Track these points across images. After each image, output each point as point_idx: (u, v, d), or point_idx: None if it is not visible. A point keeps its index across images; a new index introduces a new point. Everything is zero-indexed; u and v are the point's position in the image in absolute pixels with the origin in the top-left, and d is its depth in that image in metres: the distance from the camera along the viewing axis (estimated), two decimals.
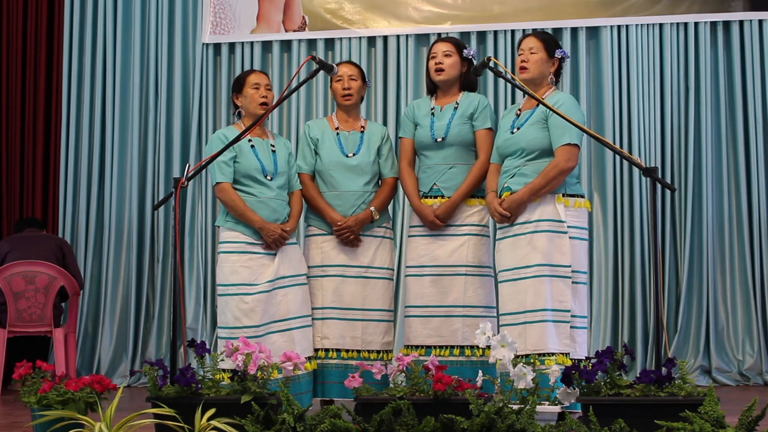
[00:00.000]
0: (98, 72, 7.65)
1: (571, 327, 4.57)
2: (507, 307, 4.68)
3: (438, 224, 4.89)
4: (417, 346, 4.88)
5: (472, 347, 4.82)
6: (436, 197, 4.92)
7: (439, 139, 4.92)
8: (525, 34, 4.97)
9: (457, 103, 4.96)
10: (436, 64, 4.96)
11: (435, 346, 4.85)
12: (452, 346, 4.84)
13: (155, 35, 7.63)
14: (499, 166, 4.81)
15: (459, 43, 5.04)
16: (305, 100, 7.46)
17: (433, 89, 5.07)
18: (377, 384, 4.05)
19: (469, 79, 5.02)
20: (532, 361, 3.92)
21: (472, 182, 4.89)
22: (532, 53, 4.73)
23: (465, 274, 4.88)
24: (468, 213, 4.92)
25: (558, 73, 4.81)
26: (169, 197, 4.10)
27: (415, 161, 5.09)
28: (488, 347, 4.28)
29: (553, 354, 4.50)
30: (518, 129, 4.74)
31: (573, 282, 4.59)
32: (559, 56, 4.76)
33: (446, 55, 4.95)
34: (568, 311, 4.56)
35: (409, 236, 5.05)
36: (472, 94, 5.02)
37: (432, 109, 5.00)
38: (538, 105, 4.63)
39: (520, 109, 4.84)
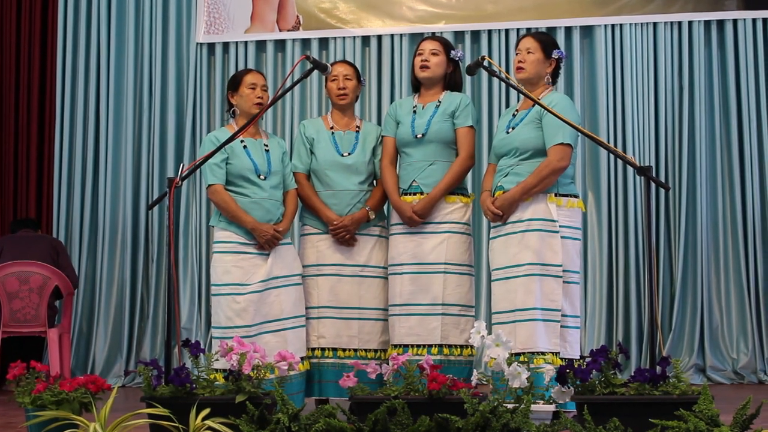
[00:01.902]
0: (92, 71, 7.64)
1: (563, 326, 4.57)
2: (498, 305, 4.69)
3: (416, 220, 4.87)
4: (396, 345, 4.87)
5: (450, 346, 4.82)
6: (415, 194, 4.91)
7: (419, 136, 4.91)
8: (523, 35, 4.97)
9: (439, 101, 4.96)
10: (422, 60, 4.96)
11: (412, 345, 4.84)
12: (430, 345, 4.83)
13: (149, 35, 7.63)
14: (496, 166, 4.82)
15: (447, 43, 5.04)
16: (299, 99, 7.46)
17: (417, 87, 5.07)
18: (372, 383, 4.05)
19: (453, 80, 5.02)
20: (524, 359, 3.92)
21: (451, 179, 4.88)
22: (529, 53, 4.74)
23: (444, 272, 4.87)
24: (448, 210, 4.91)
25: (555, 74, 4.81)
26: (164, 197, 4.09)
27: (397, 160, 5.08)
28: (467, 347, 4.29)
29: (543, 353, 4.50)
30: (513, 129, 4.75)
31: (565, 281, 4.59)
32: (556, 57, 4.76)
33: (433, 54, 4.95)
34: (559, 310, 4.56)
35: (390, 234, 5.04)
36: (455, 93, 5.01)
37: (414, 107, 5.00)
38: (533, 105, 4.64)
39: (517, 110, 4.85)
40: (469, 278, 4.95)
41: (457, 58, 4.94)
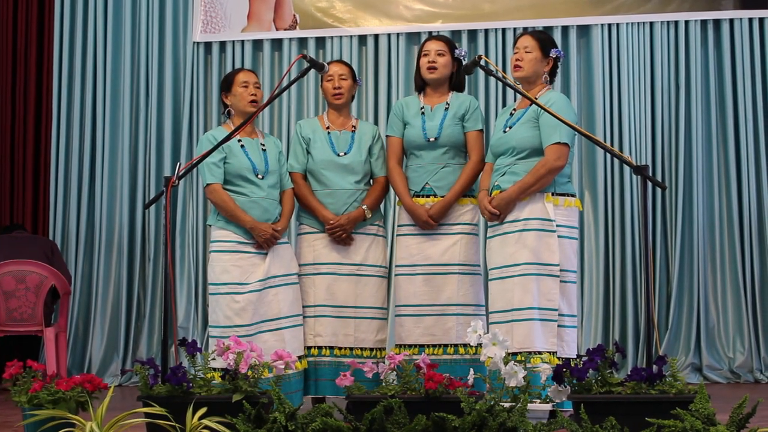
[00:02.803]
0: (89, 71, 7.63)
1: (560, 326, 4.58)
2: (495, 305, 4.70)
3: (432, 224, 4.90)
4: (410, 346, 4.89)
5: (465, 345, 4.83)
6: (428, 196, 4.93)
7: (432, 139, 4.92)
8: (521, 33, 4.97)
9: (448, 104, 4.96)
10: (429, 62, 4.96)
11: (428, 345, 4.86)
12: (445, 345, 4.86)
13: (146, 34, 7.61)
14: (493, 165, 4.82)
15: (451, 42, 5.05)
16: (296, 99, 7.46)
17: (422, 87, 5.07)
18: (369, 382, 4.06)
19: (458, 79, 5.03)
20: (520, 359, 3.92)
21: (465, 182, 4.91)
22: (526, 52, 4.73)
23: (458, 273, 4.89)
24: (460, 212, 4.94)
25: (553, 73, 4.81)
26: (160, 196, 4.09)
27: (403, 160, 5.09)
28: (480, 345, 4.27)
29: (540, 353, 4.50)
30: (510, 128, 4.75)
31: (562, 281, 4.59)
32: (554, 56, 4.76)
33: (439, 54, 4.96)
34: (556, 310, 4.56)
35: (398, 235, 5.05)
36: (462, 94, 5.03)
37: (422, 108, 5.00)
38: (531, 104, 4.64)
39: (515, 109, 4.85)
40: (480, 278, 4.99)
41: (461, 57, 4.94)
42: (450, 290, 4.89)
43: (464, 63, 4.94)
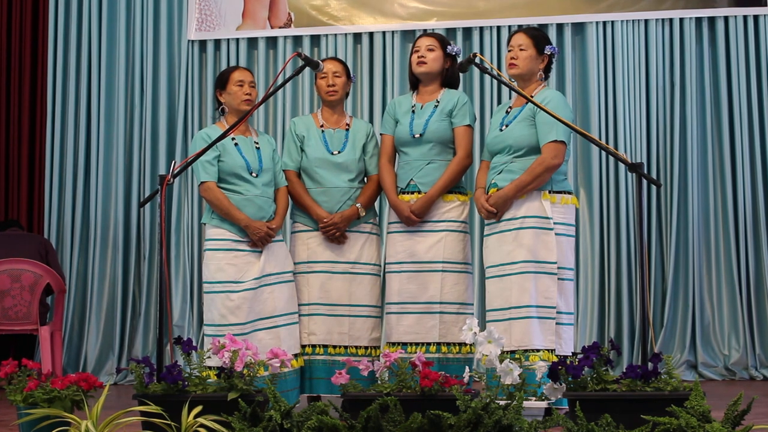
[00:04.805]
0: (83, 70, 7.61)
1: (557, 323, 4.58)
2: (493, 303, 4.69)
3: (414, 219, 4.88)
4: (394, 343, 4.88)
5: (448, 344, 4.83)
6: (413, 193, 4.92)
7: (417, 135, 4.91)
8: (515, 30, 4.97)
9: (438, 101, 4.96)
10: (419, 57, 4.96)
11: (411, 343, 4.85)
12: (428, 344, 4.84)
13: (140, 32, 7.60)
14: (489, 163, 4.82)
15: (443, 39, 5.05)
16: (291, 96, 7.45)
17: (415, 84, 5.07)
18: (364, 380, 4.06)
19: (451, 75, 5.02)
20: (517, 356, 3.92)
21: (449, 178, 4.88)
22: (521, 50, 4.73)
23: (442, 271, 4.88)
24: (446, 209, 4.92)
25: (548, 69, 4.81)
26: (155, 194, 4.09)
27: (395, 158, 5.09)
28: (466, 345, 4.28)
29: (537, 350, 4.51)
30: (507, 126, 4.74)
31: (559, 278, 4.60)
32: (549, 52, 4.75)
33: (429, 50, 4.96)
34: (554, 308, 4.57)
35: (388, 233, 5.05)
36: (453, 91, 5.02)
37: (413, 106, 5.00)
38: (526, 102, 4.63)
39: (510, 107, 4.85)
40: (466, 276, 4.97)
41: (453, 53, 4.94)
42: (433, 288, 4.88)
43: (458, 60, 4.94)
